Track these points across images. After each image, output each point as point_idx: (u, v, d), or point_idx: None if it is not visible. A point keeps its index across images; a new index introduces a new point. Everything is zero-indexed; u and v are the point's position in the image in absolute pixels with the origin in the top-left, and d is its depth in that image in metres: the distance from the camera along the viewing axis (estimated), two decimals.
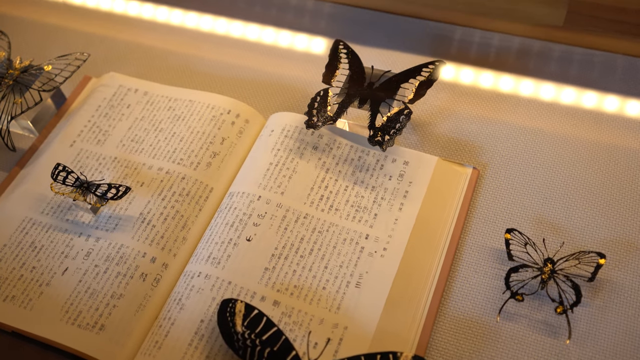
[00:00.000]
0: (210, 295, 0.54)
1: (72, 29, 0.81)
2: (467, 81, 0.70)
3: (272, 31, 0.77)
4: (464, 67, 0.71)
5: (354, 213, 0.59)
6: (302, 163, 0.62)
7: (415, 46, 0.74)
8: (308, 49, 0.75)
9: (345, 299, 0.54)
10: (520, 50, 0.71)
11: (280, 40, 0.76)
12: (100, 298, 0.55)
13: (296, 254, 0.57)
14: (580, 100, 0.67)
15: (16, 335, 0.57)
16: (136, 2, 0.82)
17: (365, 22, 0.76)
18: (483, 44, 0.72)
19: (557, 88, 0.68)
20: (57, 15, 0.83)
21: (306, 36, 0.76)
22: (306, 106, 0.69)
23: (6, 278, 0.58)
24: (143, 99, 0.69)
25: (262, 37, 0.77)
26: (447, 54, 0.72)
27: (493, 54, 0.71)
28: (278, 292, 0.55)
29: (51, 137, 0.69)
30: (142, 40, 0.78)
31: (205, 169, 0.63)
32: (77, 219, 0.61)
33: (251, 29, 0.78)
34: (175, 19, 0.80)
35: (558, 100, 0.67)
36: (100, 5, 0.83)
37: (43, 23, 0.81)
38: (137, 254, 0.57)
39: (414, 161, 0.61)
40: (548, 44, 0.70)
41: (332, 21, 0.77)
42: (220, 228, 0.58)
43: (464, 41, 0.73)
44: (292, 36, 0.76)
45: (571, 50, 0.70)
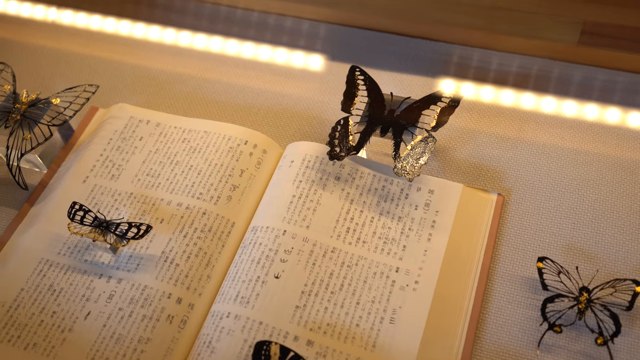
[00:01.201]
0: (241, 337, 0.53)
1: (76, 53, 0.79)
2: (484, 104, 0.69)
3: (285, 52, 0.76)
4: (482, 89, 0.70)
5: (382, 245, 0.58)
6: (325, 195, 0.60)
7: (427, 68, 0.73)
8: (322, 73, 0.74)
9: (380, 336, 0.53)
10: (539, 70, 0.71)
11: (294, 62, 0.75)
12: (127, 343, 0.54)
13: (326, 290, 0.55)
14: (603, 117, 0.67)
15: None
16: (142, 24, 0.81)
17: (375, 45, 0.75)
18: (500, 65, 0.72)
19: (579, 106, 0.68)
20: (58, 40, 0.81)
21: (321, 58, 0.75)
22: (324, 134, 0.68)
23: (26, 324, 0.56)
24: (156, 131, 0.67)
25: (275, 58, 0.76)
26: (464, 76, 0.72)
27: (510, 75, 0.71)
28: (311, 331, 0.53)
29: (61, 172, 0.67)
30: (149, 64, 0.77)
31: (226, 203, 0.61)
32: (96, 259, 0.59)
33: (263, 50, 0.77)
34: (183, 40, 0.79)
35: (580, 119, 0.67)
36: (104, 28, 0.81)
37: (45, 48, 0.79)
38: (162, 295, 0.56)
39: (438, 189, 0.61)
40: (565, 64, 0.70)
41: (343, 44, 0.76)
42: (246, 265, 0.57)
43: (480, 62, 0.72)
44: (305, 58, 0.75)
45: (590, 69, 0.69)
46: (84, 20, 0.82)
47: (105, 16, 0.82)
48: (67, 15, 0.83)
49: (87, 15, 0.82)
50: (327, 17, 0.78)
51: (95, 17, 0.82)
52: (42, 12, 0.83)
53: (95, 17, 0.82)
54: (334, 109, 0.71)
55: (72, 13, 0.83)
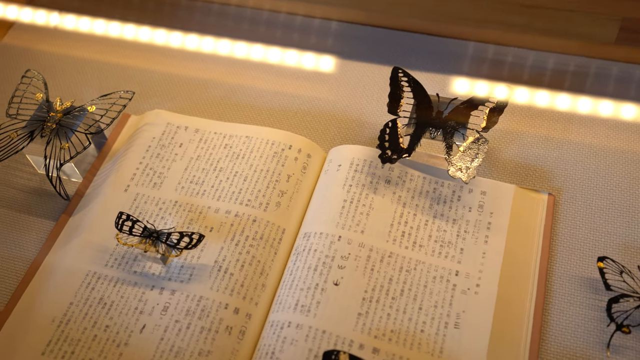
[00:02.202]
0: (305, 347, 0.52)
1: (104, 61, 0.77)
2: (524, 103, 0.69)
3: (313, 57, 0.75)
4: (519, 89, 0.70)
5: (439, 249, 0.57)
6: (377, 198, 0.60)
7: (461, 68, 0.72)
8: (357, 76, 0.73)
9: (446, 342, 0.52)
10: (576, 68, 0.70)
11: (325, 65, 0.74)
12: (187, 356, 0.52)
13: (387, 295, 0.55)
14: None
15: None
16: (164, 31, 0.79)
17: (408, 46, 0.75)
18: (536, 63, 0.72)
19: (615, 105, 0.68)
20: (85, 48, 0.79)
21: (353, 61, 0.74)
22: (365, 137, 0.68)
23: (79, 340, 0.54)
24: (195, 137, 0.66)
25: (303, 62, 0.75)
26: (499, 76, 0.71)
27: (547, 74, 0.71)
28: (376, 339, 0.52)
29: (98, 182, 0.66)
30: (178, 71, 0.75)
31: (275, 210, 0.60)
32: (145, 270, 0.58)
33: (290, 54, 0.75)
34: (207, 46, 0.77)
35: (618, 117, 0.67)
36: (124, 35, 0.79)
37: (72, 57, 0.78)
38: (219, 305, 0.54)
39: (491, 191, 0.60)
40: (603, 61, 0.70)
41: (377, 47, 0.75)
42: (302, 272, 0.56)
43: (516, 61, 0.72)
44: (338, 61, 0.74)
45: (628, 67, 0.69)
46: (102, 27, 0.80)
47: (124, 22, 0.80)
48: (85, 23, 0.81)
49: (106, 22, 0.81)
50: (357, 19, 0.77)
51: (115, 24, 0.80)
52: (68, 20, 0.81)
53: (114, 23, 0.80)
54: (372, 111, 0.70)
55: (89, 20, 0.81)
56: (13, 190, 0.68)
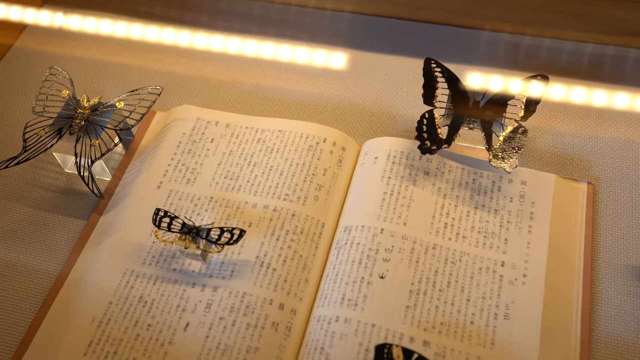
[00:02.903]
0: (356, 341, 0.51)
1: (120, 63, 0.76)
2: (558, 93, 0.68)
3: (340, 51, 0.74)
4: (553, 78, 0.69)
5: (483, 239, 0.56)
6: (417, 190, 0.59)
7: (491, 59, 0.72)
8: (385, 68, 0.72)
9: (497, 333, 0.52)
10: (612, 58, 0.70)
11: (352, 59, 0.73)
12: (235, 354, 0.51)
13: (434, 287, 0.54)
14: None
15: None
16: (188, 32, 0.78)
17: (435, 38, 0.74)
18: (571, 53, 0.71)
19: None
20: (100, 50, 0.77)
21: (380, 54, 0.73)
22: (397, 129, 0.67)
23: (121, 339, 0.53)
24: (226, 132, 0.65)
25: (331, 57, 0.74)
26: (532, 66, 0.71)
27: (583, 63, 0.70)
28: (425, 331, 0.52)
29: (128, 179, 0.65)
30: (199, 73, 0.74)
31: (314, 204, 0.59)
32: (185, 267, 0.57)
33: (319, 54, 0.74)
34: (232, 47, 0.76)
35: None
36: (146, 38, 0.78)
37: (88, 59, 0.76)
38: (264, 301, 0.53)
39: (531, 180, 0.59)
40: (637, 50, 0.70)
41: (404, 39, 0.74)
42: (346, 266, 0.55)
43: (551, 51, 0.71)
44: (363, 56, 0.73)
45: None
46: (124, 29, 0.79)
47: (132, 22, 0.79)
48: (106, 25, 0.80)
49: (128, 24, 0.79)
50: (383, 12, 0.76)
51: (124, 25, 0.79)
52: (89, 23, 0.80)
53: (137, 25, 0.79)
54: (402, 103, 0.69)
55: (110, 22, 0.80)
56: (40, 190, 0.66)
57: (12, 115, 0.72)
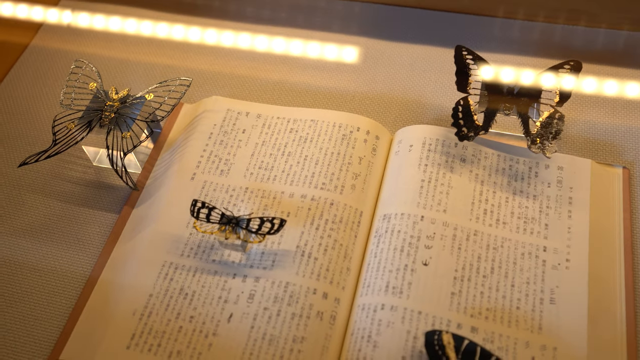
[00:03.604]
0: (403, 329, 0.51)
1: (141, 61, 0.75)
2: (589, 79, 0.68)
3: (366, 41, 0.74)
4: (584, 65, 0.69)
5: (523, 225, 0.56)
6: (454, 177, 0.59)
7: (519, 48, 0.72)
8: (412, 57, 0.72)
9: (544, 317, 0.52)
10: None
11: (379, 49, 0.73)
12: (281, 344, 0.51)
13: (478, 274, 0.54)
14: None
15: None
16: (198, 28, 0.77)
17: (461, 27, 0.74)
18: (605, 40, 0.71)
19: None
20: (116, 49, 0.76)
21: (407, 43, 0.73)
22: (428, 117, 0.67)
23: (164, 332, 0.52)
24: (258, 123, 0.64)
25: (358, 52, 0.73)
26: (566, 54, 0.70)
27: (616, 49, 0.70)
28: (472, 317, 0.52)
29: (158, 172, 0.64)
30: (223, 69, 0.73)
31: (351, 192, 0.59)
32: (224, 259, 0.56)
33: (346, 46, 0.74)
34: (260, 45, 0.75)
35: None
36: (162, 35, 0.77)
37: (110, 57, 0.75)
38: (307, 291, 0.53)
39: (567, 166, 0.59)
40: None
41: (429, 28, 0.74)
42: (389, 254, 0.55)
43: (584, 39, 0.71)
44: (389, 45, 0.73)
45: None
46: (149, 28, 0.78)
47: (142, 20, 0.78)
48: (116, 22, 0.79)
49: (137, 21, 0.79)
50: (407, 2, 0.76)
51: (147, 23, 0.78)
52: (97, 20, 0.79)
53: (146, 22, 0.78)
54: (431, 92, 0.69)
55: (136, 21, 0.79)
56: (69, 184, 0.66)
57: (35, 112, 0.71)
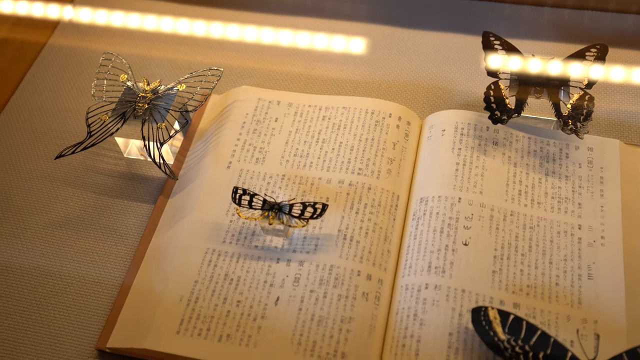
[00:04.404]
0: (448, 307, 0.52)
1: (161, 58, 0.75)
2: (614, 63, 0.70)
3: (390, 29, 0.75)
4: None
5: (557, 205, 0.58)
6: (488, 160, 0.60)
7: (540, 33, 0.73)
8: (436, 45, 0.73)
9: (583, 293, 0.53)
10: None
11: (403, 37, 0.74)
12: (330, 324, 0.52)
13: (516, 252, 0.55)
14: None
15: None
16: (220, 23, 0.77)
17: (482, 14, 0.75)
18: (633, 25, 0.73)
19: None
20: (137, 45, 0.77)
21: (428, 32, 0.74)
22: (456, 103, 0.68)
23: (212, 316, 0.53)
24: (290, 111, 0.65)
25: (383, 39, 0.74)
26: (588, 38, 0.72)
27: (624, 34, 0.72)
28: (514, 294, 0.53)
29: (192, 162, 0.65)
30: (242, 63, 0.74)
31: (387, 177, 0.60)
32: (267, 244, 0.57)
33: (371, 33, 0.75)
34: (284, 40, 0.76)
35: None
36: (184, 31, 0.78)
37: (129, 54, 0.75)
38: (351, 273, 0.54)
39: (597, 146, 0.61)
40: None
41: (453, 16, 0.76)
42: (429, 236, 0.56)
43: (611, 24, 0.73)
44: (412, 33, 0.74)
45: None
46: (154, 23, 0.79)
47: (193, 19, 0.79)
48: (134, 19, 0.79)
49: (157, 18, 0.79)
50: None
51: (165, 19, 0.79)
52: (115, 17, 0.80)
53: (167, 18, 0.79)
54: (457, 78, 0.70)
55: (123, 15, 0.79)
56: (101, 176, 0.66)
57: (60, 107, 0.72)
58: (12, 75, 0.75)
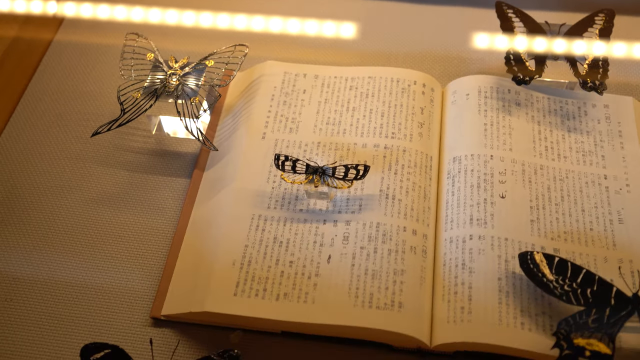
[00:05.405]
0: (494, 254, 0.55)
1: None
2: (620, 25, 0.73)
3: (399, 7, 0.78)
4: None
5: (582, 158, 0.61)
6: (513, 119, 0.63)
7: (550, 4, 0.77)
8: (446, 18, 0.76)
9: (616, 236, 0.56)
10: None
11: (417, 12, 0.77)
12: (384, 277, 0.54)
13: (550, 202, 0.58)
14: None
15: (285, 335, 0.55)
16: (227, 15, 0.78)
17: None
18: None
19: None
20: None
21: (438, 7, 0.77)
22: (473, 70, 0.71)
23: (267, 278, 0.55)
24: (316, 83, 0.67)
25: (395, 13, 0.77)
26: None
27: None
28: (553, 240, 0.56)
29: (223, 136, 0.66)
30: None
31: (419, 139, 0.62)
32: (311, 207, 0.59)
33: (387, 14, 0.78)
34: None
35: None
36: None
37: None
38: (398, 229, 0.56)
39: (612, 103, 0.65)
40: None
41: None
42: (467, 191, 0.59)
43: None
44: (419, 8, 0.77)
45: None
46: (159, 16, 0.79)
47: (199, 11, 0.79)
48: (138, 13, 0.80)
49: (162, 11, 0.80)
50: None
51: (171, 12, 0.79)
52: (118, 11, 0.80)
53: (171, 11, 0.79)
54: (470, 47, 0.73)
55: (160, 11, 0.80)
56: (132, 154, 0.67)
57: (81, 89, 0.72)
58: (28, 62, 0.75)
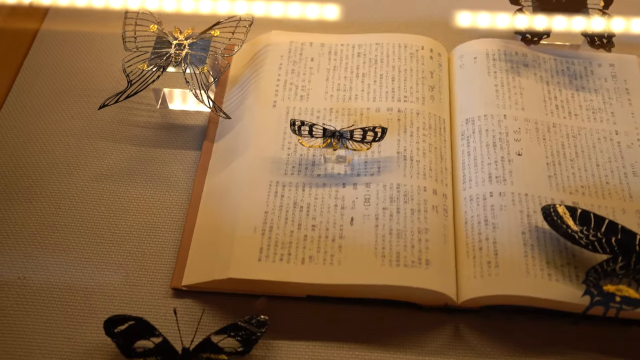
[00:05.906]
0: (515, 209, 0.55)
1: None
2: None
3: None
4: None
5: (592, 115, 0.62)
6: (523, 80, 0.64)
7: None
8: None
9: (632, 188, 0.57)
10: None
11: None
12: (409, 235, 0.54)
13: (565, 158, 0.59)
14: None
15: (311, 299, 0.54)
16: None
17: None
18: None
19: None
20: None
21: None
22: (477, 35, 0.71)
23: (290, 242, 0.54)
24: (323, 51, 0.67)
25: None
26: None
27: None
28: (571, 194, 0.57)
29: (231, 106, 0.65)
30: None
31: (432, 102, 0.63)
32: (329, 172, 0.58)
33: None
34: None
35: None
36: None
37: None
38: (418, 189, 0.56)
39: (617, 62, 0.66)
40: None
41: None
42: (483, 150, 0.59)
43: None
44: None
45: None
46: None
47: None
48: None
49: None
50: None
51: None
52: None
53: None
54: (471, 13, 0.73)
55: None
56: (137, 128, 0.66)
57: (77, 67, 0.71)
58: (23, 38, 0.73)
